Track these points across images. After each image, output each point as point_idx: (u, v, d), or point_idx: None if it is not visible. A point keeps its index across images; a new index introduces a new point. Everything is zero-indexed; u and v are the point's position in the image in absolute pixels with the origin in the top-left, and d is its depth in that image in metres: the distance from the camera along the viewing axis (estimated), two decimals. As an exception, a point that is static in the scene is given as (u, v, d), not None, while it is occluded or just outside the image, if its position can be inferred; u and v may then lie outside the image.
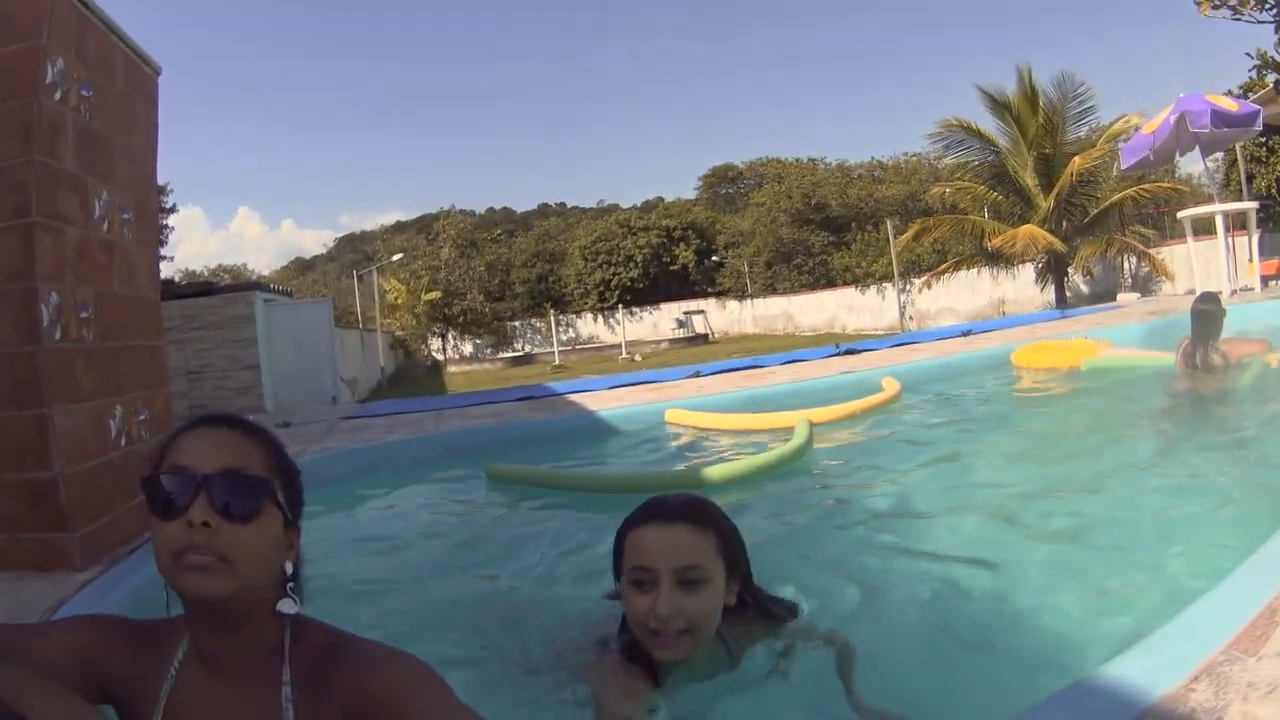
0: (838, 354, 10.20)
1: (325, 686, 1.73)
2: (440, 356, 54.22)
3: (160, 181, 11.74)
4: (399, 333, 51.43)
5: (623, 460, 7.21)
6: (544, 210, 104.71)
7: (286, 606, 1.74)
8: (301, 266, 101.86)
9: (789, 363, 10.35)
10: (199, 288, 18.56)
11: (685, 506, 2.55)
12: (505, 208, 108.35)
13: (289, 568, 1.77)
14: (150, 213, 5.54)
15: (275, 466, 1.78)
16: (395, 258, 51.98)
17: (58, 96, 4.22)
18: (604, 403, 8.98)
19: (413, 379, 43.21)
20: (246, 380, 14.83)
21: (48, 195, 4.12)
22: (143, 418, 5.02)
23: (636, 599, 2.44)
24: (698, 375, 10.16)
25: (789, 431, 6.52)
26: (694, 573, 2.39)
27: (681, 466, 6.72)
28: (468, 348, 56.36)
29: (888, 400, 7.63)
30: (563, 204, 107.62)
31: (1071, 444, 6.22)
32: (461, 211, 79.21)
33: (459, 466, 7.02)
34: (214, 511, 1.63)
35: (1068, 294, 24.39)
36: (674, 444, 7.46)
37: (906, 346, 11.19)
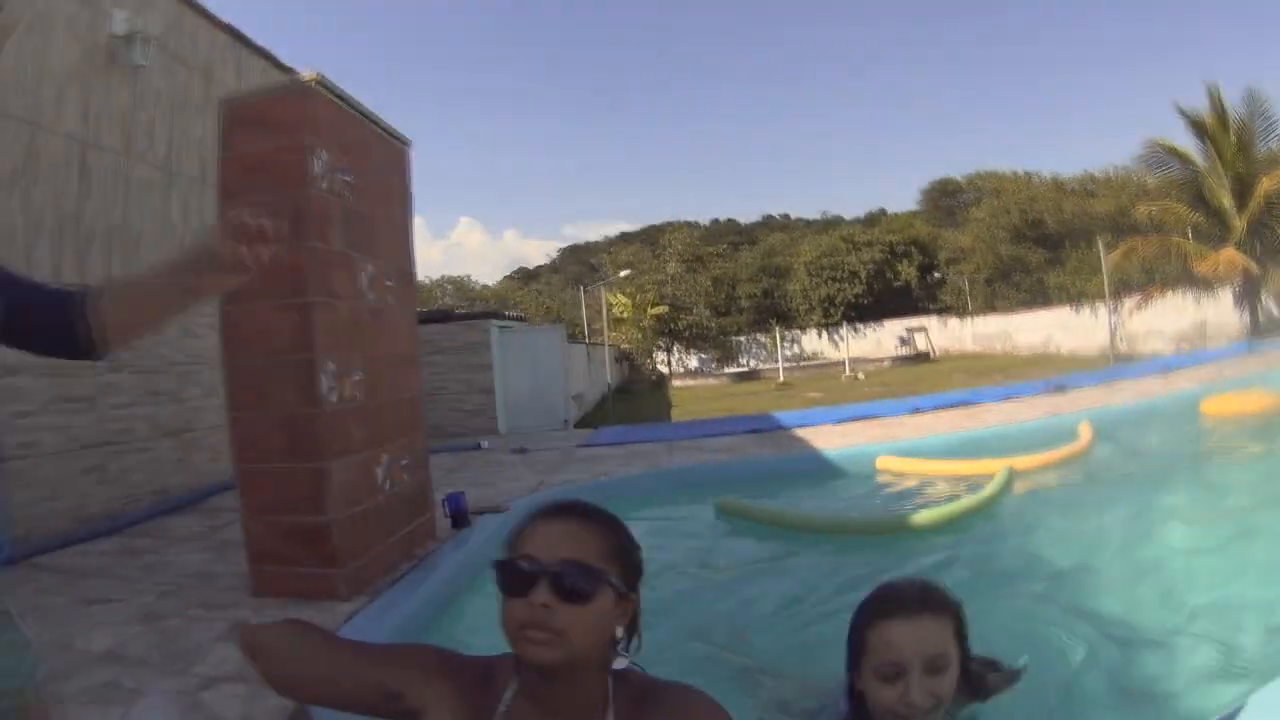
0: (1048, 391, 10.25)
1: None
2: (665, 370, 54.83)
3: None
4: (624, 346, 52.19)
5: (840, 500, 7.45)
6: (768, 222, 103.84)
7: (619, 664, 2.08)
8: (526, 277, 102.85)
9: (1004, 399, 10.46)
10: (437, 314, 19.72)
11: (924, 596, 2.65)
12: (730, 219, 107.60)
13: (619, 632, 2.06)
14: (409, 275, 6.17)
15: (612, 551, 2.07)
16: (623, 274, 52.81)
17: (324, 186, 4.83)
18: (827, 439, 9.21)
19: (638, 393, 43.74)
20: (481, 403, 15.47)
21: (321, 275, 4.74)
22: (405, 462, 5.70)
23: (885, 691, 2.51)
24: (917, 411, 10.36)
25: (991, 477, 6.81)
26: (941, 660, 2.51)
27: (881, 507, 7.08)
28: (693, 361, 57.16)
29: (1081, 450, 7.75)
30: (786, 215, 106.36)
31: (1250, 501, 6.15)
32: (687, 224, 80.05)
33: (690, 500, 7.45)
34: (553, 595, 1.94)
35: (1261, 319, 23.43)
36: (886, 488, 7.68)
37: (1109, 385, 11.20)
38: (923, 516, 6.19)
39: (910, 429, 9.46)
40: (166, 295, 1.90)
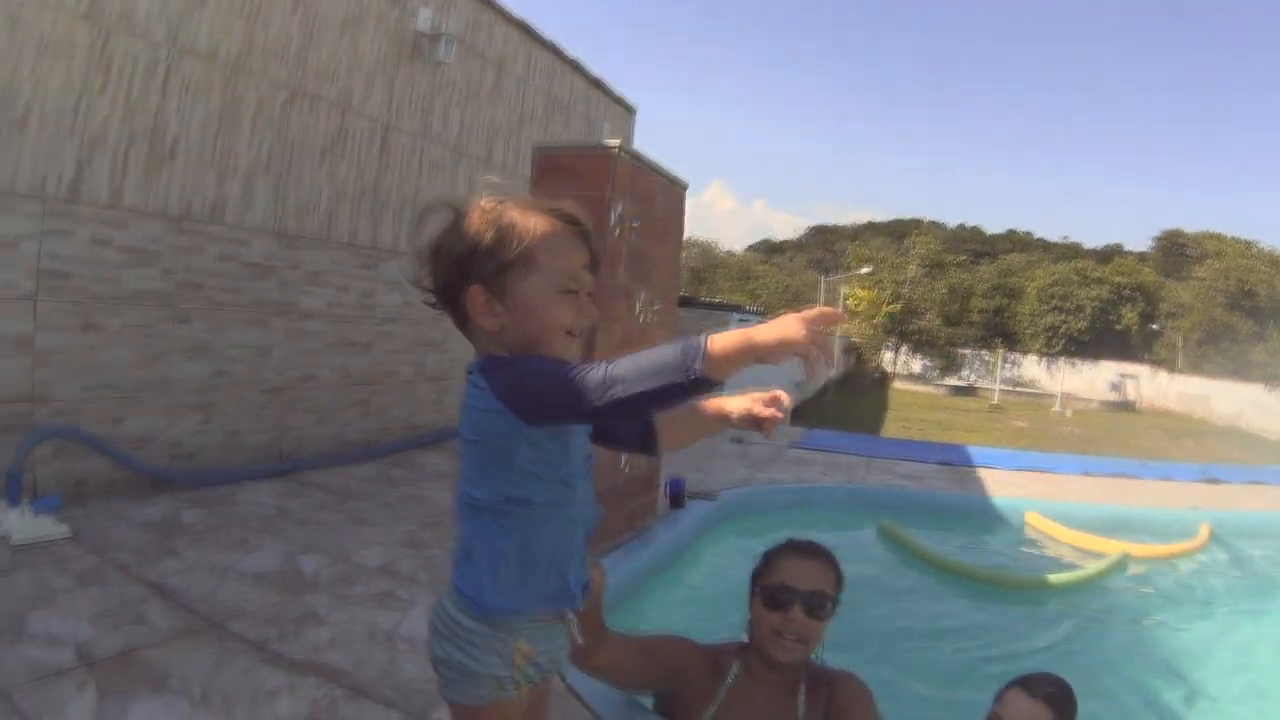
0: (1202, 479, 10.49)
1: (817, 694, 3.00)
2: (890, 370, 55.17)
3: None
4: (855, 339, 52.48)
5: (983, 547, 8.04)
6: (1010, 236, 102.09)
7: (813, 656, 3.02)
8: (769, 250, 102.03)
9: (1161, 478, 10.69)
10: (681, 300, 20.99)
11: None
12: (975, 227, 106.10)
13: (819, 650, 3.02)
14: (672, 298, 7.23)
15: (836, 581, 2.99)
16: (863, 270, 53.00)
17: (616, 233, 5.84)
18: (998, 484, 9.75)
19: (860, 388, 44.73)
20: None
21: (606, 304, 5.74)
22: None
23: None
24: (1086, 474, 10.85)
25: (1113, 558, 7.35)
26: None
27: (1010, 562, 7.61)
28: (916, 366, 57.50)
29: (1194, 548, 7.90)
30: (1029, 233, 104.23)
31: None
32: (932, 224, 79.15)
33: (871, 519, 8.20)
34: (804, 614, 2.90)
35: None
36: (1025, 544, 8.22)
37: (1258, 486, 10.93)
38: (1038, 580, 6.90)
39: (1073, 490, 9.86)
40: (698, 428, 2.33)
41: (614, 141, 5.82)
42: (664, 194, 6.75)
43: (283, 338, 8.00)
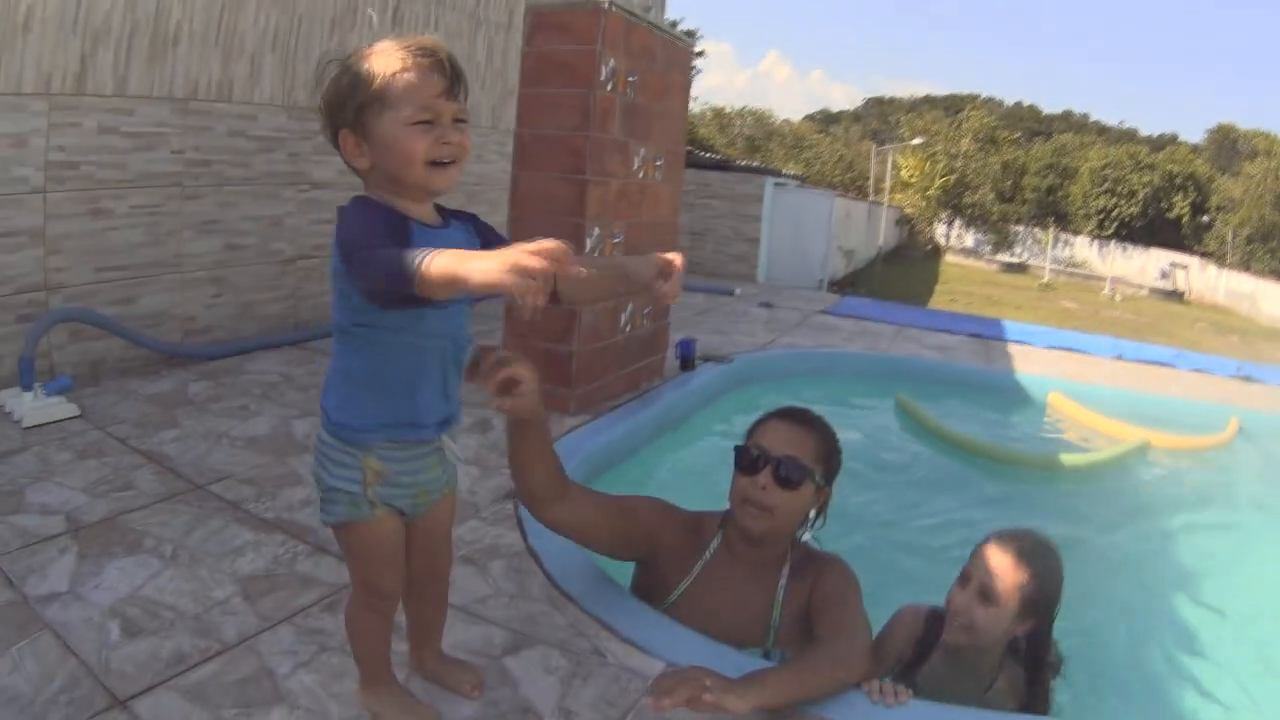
0: (1238, 376, 10.22)
1: (801, 581, 2.95)
2: (942, 243, 54.77)
3: (691, 26, 13.61)
4: (908, 210, 52.06)
5: (1001, 424, 8.02)
6: (1067, 117, 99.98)
7: (801, 535, 2.97)
8: (826, 120, 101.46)
9: (1196, 370, 10.39)
10: (718, 163, 20.47)
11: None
12: (1031, 105, 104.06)
13: (812, 514, 2.94)
14: (678, 155, 7.22)
15: (821, 454, 2.90)
16: (915, 141, 52.07)
17: (609, 88, 5.87)
18: (1027, 361, 9.55)
19: (910, 260, 44.47)
20: (744, 251, 16.31)
21: (598, 158, 5.86)
22: (647, 311, 6.87)
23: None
24: (1119, 358, 10.59)
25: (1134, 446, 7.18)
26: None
27: (1030, 442, 7.61)
28: (969, 240, 56.56)
29: (1219, 443, 7.68)
30: (1085, 115, 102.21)
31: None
32: (989, 101, 77.67)
33: (890, 390, 8.13)
34: (772, 480, 2.81)
35: None
36: (1045, 424, 8.24)
37: None
38: (1051, 459, 6.83)
39: (1104, 373, 9.63)
40: (605, 285, 2.57)
41: None
42: (667, 51, 6.75)
43: (294, 209, 8.04)
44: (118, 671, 2.77)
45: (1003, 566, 2.93)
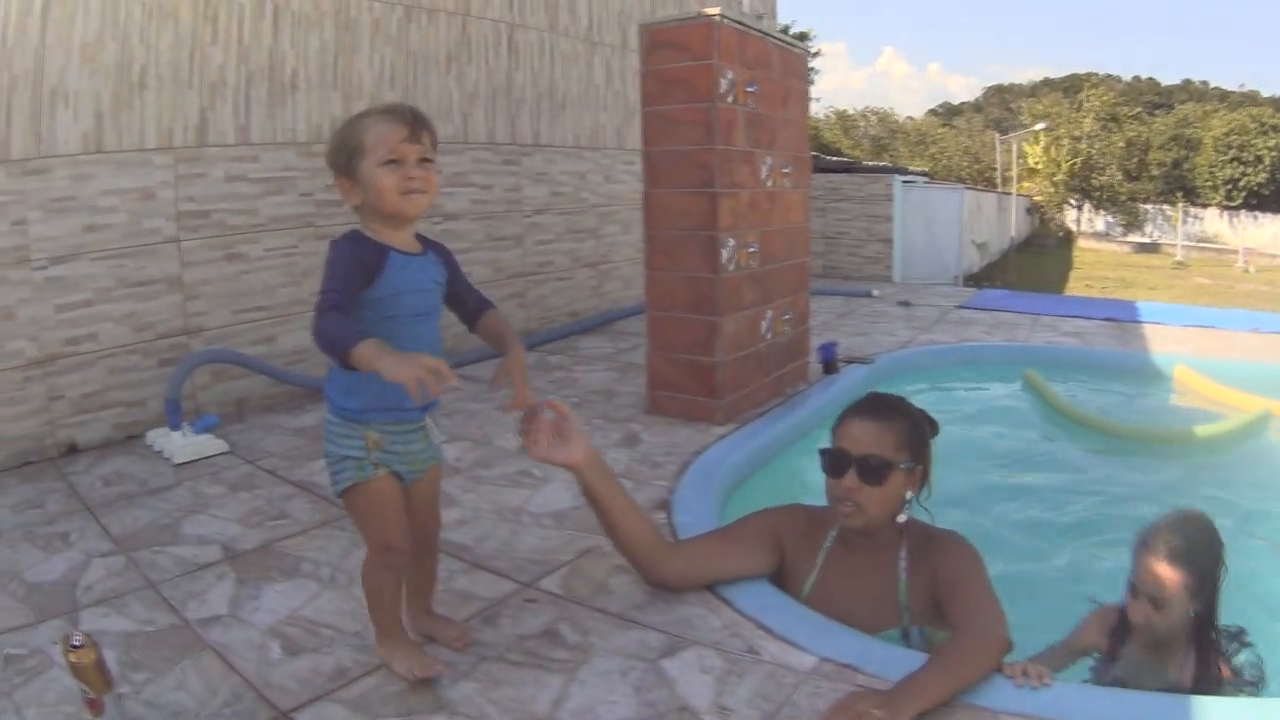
0: None
1: (922, 560, 2.97)
2: (1073, 228, 53.34)
3: (803, 29, 13.64)
4: (1037, 198, 50.75)
5: (1136, 403, 7.75)
6: (1187, 86, 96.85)
7: (900, 518, 2.99)
8: (949, 113, 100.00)
9: None
10: (845, 164, 20.24)
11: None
12: (1150, 78, 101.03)
13: (908, 495, 2.97)
14: (804, 161, 7.10)
15: (903, 441, 2.92)
16: (1038, 127, 50.55)
17: (730, 100, 5.78)
18: (1165, 342, 9.20)
19: (1042, 249, 43.39)
20: (878, 251, 15.86)
21: (726, 170, 5.77)
22: (787, 317, 6.73)
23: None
24: (1256, 330, 10.02)
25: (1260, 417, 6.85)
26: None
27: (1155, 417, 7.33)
28: (1099, 224, 54.93)
29: None
30: (1205, 82, 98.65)
31: None
32: (1107, 77, 75.66)
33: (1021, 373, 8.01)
34: (857, 479, 2.88)
35: None
36: (1174, 398, 7.92)
37: None
38: (1171, 433, 6.75)
39: (1240, 347, 9.13)
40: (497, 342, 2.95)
41: (714, 10, 5.74)
42: (783, 58, 6.62)
43: (430, 240, 7.99)
44: (279, 686, 2.81)
45: (1162, 574, 2.99)
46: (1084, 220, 54.89)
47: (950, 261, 16.58)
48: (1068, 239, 50.20)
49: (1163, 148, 59.72)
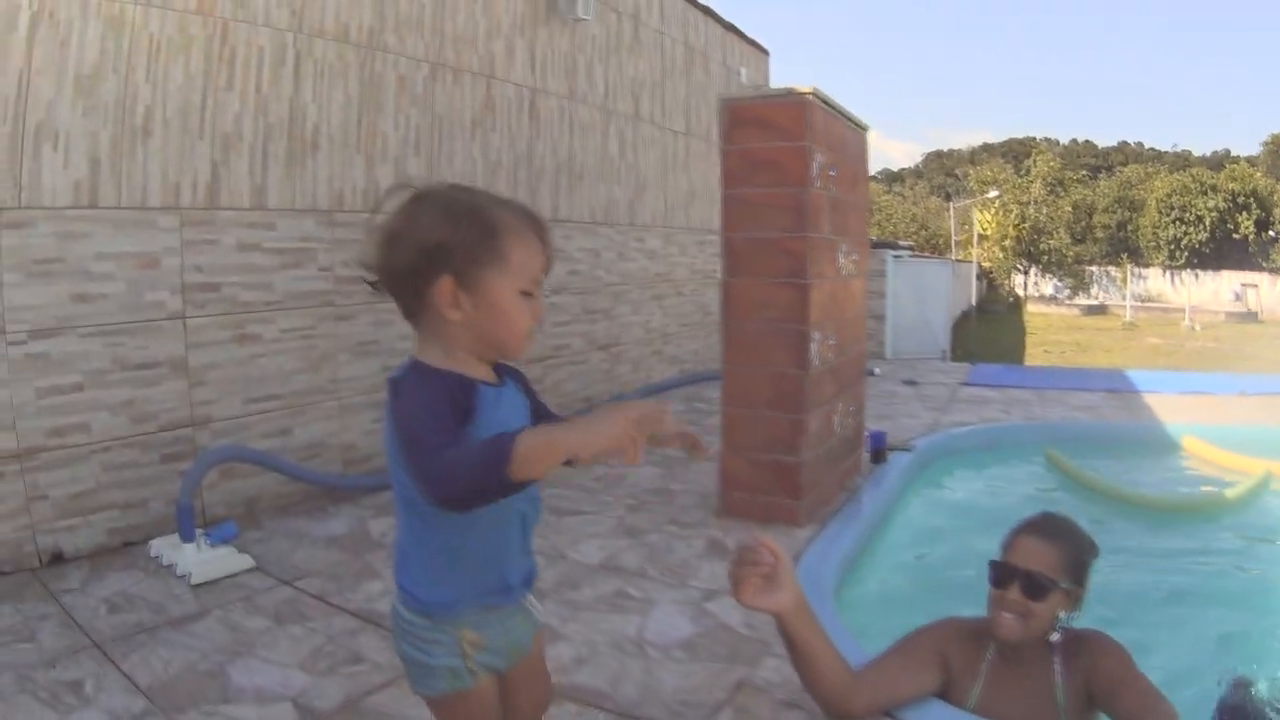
0: None
1: (1075, 662, 2.92)
2: (1021, 293, 53.40)
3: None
4: (985, 264, 50.71)
5: (1141, 474, 7.66)
6: (1123, 148, 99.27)
7: (1054, 637, 2.95)
8: (889, 179, 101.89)
9: None
10: None
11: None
12: (1087, 140, 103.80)
13: (1062, 615, 2.93)
14: (865, 246, 6.78)
15: (1067, 564, 2.94)
16: (990, 194, 51.16)
17: (818, 185, 5.37)
18: (1167, 410, 9.48)
19: (994, 315, 43.24)
20: (872, 328, 14.99)
21: (814, 260, 5.35)
22: (852, 408, 6.40)
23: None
24: (1243, 394, 10.47)
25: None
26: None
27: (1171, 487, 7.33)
28: (1047, 288, 55.10)
29: None
30: (1140, 144, 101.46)
31: None
32: (1046, 141, 76.96)
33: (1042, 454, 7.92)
34: (1020, 594, 2.89)
35: None
36: (1183, 468, 7.97)
37: None
38: (1181, 501, 6.80)
39: (1233, 412, 9.55)
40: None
41: (806, 88, 5.37)
42: (853, 140, 6.30)
43: (451, 324, 7.34)
44: None
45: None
46: (1030, 284, 55.00)
47: (939, 335, 16.30)
48: (1017, 304, 50.39)
49: (1107, 210, 60.67)
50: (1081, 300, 51.90)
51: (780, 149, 5.30)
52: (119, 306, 5.02)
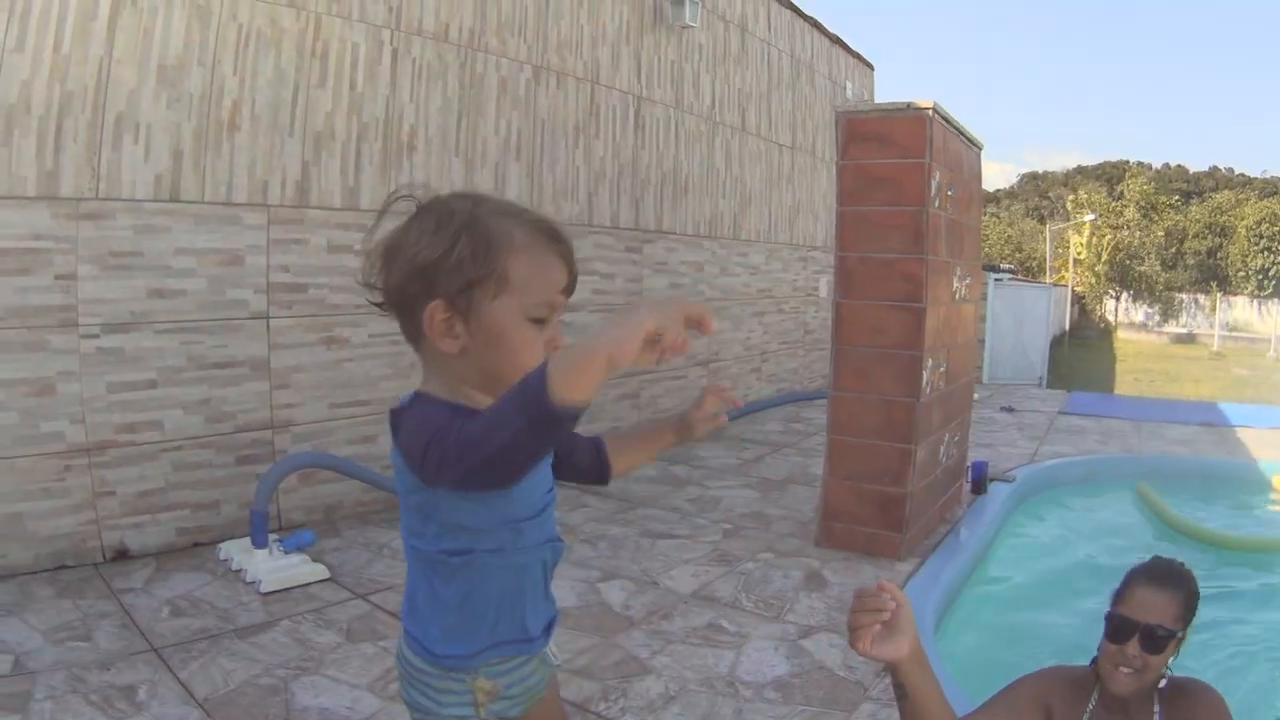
0: None
1: (1175, 709, 2.64)
2: (1112, 319, 52.00)
3: None
4: (1078, 288, 49.22)
5: (1239, 511, 7.45)
6: (1214, 174, 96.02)
7: (1160, 684, 2.63)
8: (985, 200, 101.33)
9: None
10: None
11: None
12: (1179, 165, 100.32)
13: (1169, 669, 2.62)
14: (978, 271, 6.42)
15: (1184, 613, 2.64)
16: (1087, 218, 50.09)
17: (936, 205, 4.97)
18: (1263, 447, 9.09)
19: (1086, 340, 42.13)
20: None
21: (931, 284, 4.94)
22: (957, 438, 6.01)
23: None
24: None
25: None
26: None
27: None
28: (1138, 315, 53.59)
29: None
30: (1230, 169, 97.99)
31: None
32: (1139, 164, 75.07)
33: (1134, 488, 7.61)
34: (1139, 648, 2.55)
35: None
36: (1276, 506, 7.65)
37: None
38: (1264, 542, 6.39)
39: None
40: (648, 447, 2.13)
41: (927, 103, 4.94)
42: (969, 159, 5.92)
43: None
44: None
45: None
46: (1121, 310, 53.44)
47: (1036, 360, 15.70)
48: (1107, 330, 48.97)
49: (1198, 236, 58.73)
50: (1171, 328, 50.64)
51: (899, 166, 4.93)
52: (197, 304, 4.77)
